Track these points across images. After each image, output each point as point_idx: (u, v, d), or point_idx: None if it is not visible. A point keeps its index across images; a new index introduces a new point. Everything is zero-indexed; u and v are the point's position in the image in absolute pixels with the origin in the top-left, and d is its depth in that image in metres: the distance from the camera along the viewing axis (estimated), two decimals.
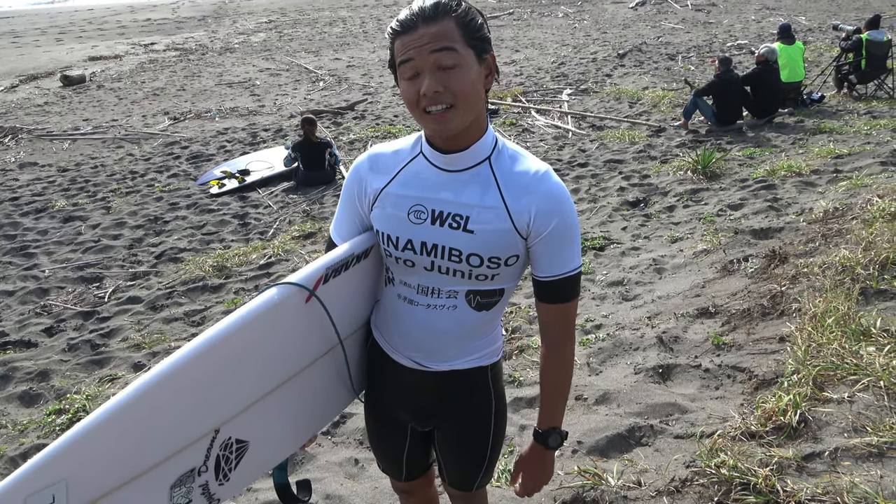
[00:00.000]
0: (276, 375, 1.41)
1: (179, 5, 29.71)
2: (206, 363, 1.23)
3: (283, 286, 1.35)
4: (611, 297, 4.42)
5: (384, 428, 1.70)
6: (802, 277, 3.51)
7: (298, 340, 1.43)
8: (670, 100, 9.89)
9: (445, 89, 1.27)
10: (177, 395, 1.20)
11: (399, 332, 1.53)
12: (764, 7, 20.89)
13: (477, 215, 1.36)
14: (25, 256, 6.02)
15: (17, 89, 14.24)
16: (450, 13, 1.28)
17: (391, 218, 1.43)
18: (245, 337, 1.28)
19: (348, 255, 1.46)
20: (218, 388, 1.27)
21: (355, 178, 1.50)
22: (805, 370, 2.63)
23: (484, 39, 1.32)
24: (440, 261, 1.40)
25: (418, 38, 1.27)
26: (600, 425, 2.85)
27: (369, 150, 1.51)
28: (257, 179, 7.77)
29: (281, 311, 1.35)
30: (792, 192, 5.77)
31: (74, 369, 4.09)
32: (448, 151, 1.38)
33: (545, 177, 1.37)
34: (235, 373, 1.30)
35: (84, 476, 1.09)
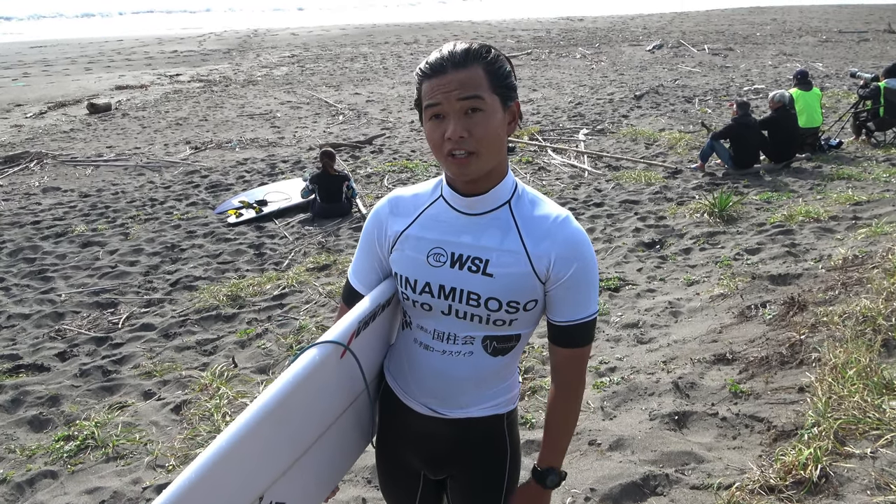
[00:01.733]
0: (313, 434, 1.42)
1: (206, 38, 30.53)
2: (256, 435, 1.23)
3: (322, 345, 1.36)
4: (626, 339, 4.37)
5: (396, 475, 1.66)
6: (822, 326, 3.45)
7: (331, 396, 1.44)
8: (687, 142, 9.92)
9: (470, 135, 1.28)
10: (229, 473, 1.19)
11: (414, 378, 1.51)
12: (781, 53, 21.06)
13: (496, 258, 1.36)
14: (43, 280, 6.08)
15: (45, 116, 14.59)
16: (479, 60, 1.30)
17: (410, 261, 1.43)
18: (291, 401, 1.29)
19: (376, 305, 1.47)
20: (264, 456, 1.28)
21: (375, 222, 1.51)
22: (826, 423, 2.56)
23: (510, 87, 1.34)
24: (458, 304, 1.39)
25: (447, 84, 1.29)
26: (614, 472, 2.78)
27: (389, 195, 1.52)
28: (274, 210, 7.84)
29: (321, 371, 1.36)
30: (810, 237, 5.72)
31: (85, 395, 4.09)
32: (468, 195, 1.39)
33: (566, 222, 1.37)
34: (279, 438, 1.30)
35: None
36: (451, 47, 1.32)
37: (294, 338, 4.65)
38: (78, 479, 3.23)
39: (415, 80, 1.37)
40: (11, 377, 4.33)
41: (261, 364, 4.34)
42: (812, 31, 27.52)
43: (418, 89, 1.35)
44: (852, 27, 28.59)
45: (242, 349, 4.61)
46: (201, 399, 3.89)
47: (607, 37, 28.16)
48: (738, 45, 23.69)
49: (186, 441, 3.49)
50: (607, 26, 32.98)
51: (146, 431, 3.61)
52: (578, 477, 2.82)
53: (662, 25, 32.62)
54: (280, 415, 1.28)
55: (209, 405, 3.77)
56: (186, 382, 4.14)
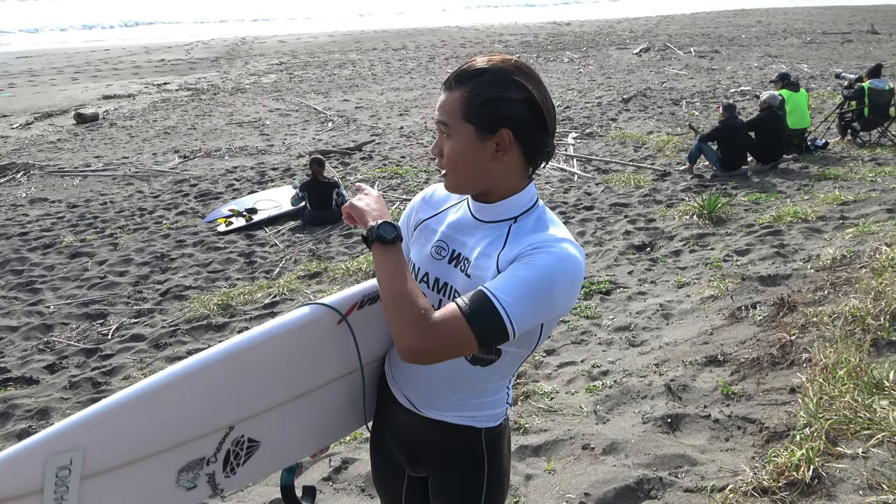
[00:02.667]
0: (297, 387, 1.47)
1: (193, 47, 30.40)
2: (233, 365, 1.32)
3: (317, 306, 1.42)
4: (617, 342, 4.38)
5: (384, 464, 1.69)
6: (812, 327, 3.47)
7: (323, 359, 1.49)
8: (675, 144, 9.98)
9: (440, 155, 1.38)
10: (200, 390, 1.29)
11: (400, 369, 1.54)
12: (766, 55, 21.25)
13: (476, 261, 1.38)
14: (31, 292, 6.02)
15: (32, 126, 14.47)
16: (465, 83, 1.33)
17: (419, 248, 1.50)
18: (273, 347, 1.37)
19: None
20: (239, 389, 1.35)
21: (412, 205, 1.61)
22: (817, 423, 2.58)
23: (489, 117, 1.30)
24: (446, 300, 1.41)
25: (439, 101, 1.38)
26: (608, 476, 2.78)
27: (430, 186, 1.61)
28: (264, 218, 7.81)
29: (311, 329, 1.41)
30: (798, 238, 5.76)
31: (75, 407, 4.04)
32: (477, 199, 1.44)
33: (553, 237, 1.31)
34: (258, 378, 1.37)
35: (101, 447, 1.20)
36: (459, 66, 1.38)
37: None
38: None
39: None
40: (0, 390, 4.28)
41: None
42: (796, 33, 27.79)
43: None
44: (836, 28, 28.90)
45: None
46: None
47: (594, 41, 28.32)
48: (724, 47, 23.88)
49: None
50: (594, 30, 33.16)
51: None
52: (572, 482, 2.82)
53: (649, 29, 32.83)
54: (260, 355, 1.35)
55: None
56: None
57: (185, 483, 1.33)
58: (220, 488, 1.40)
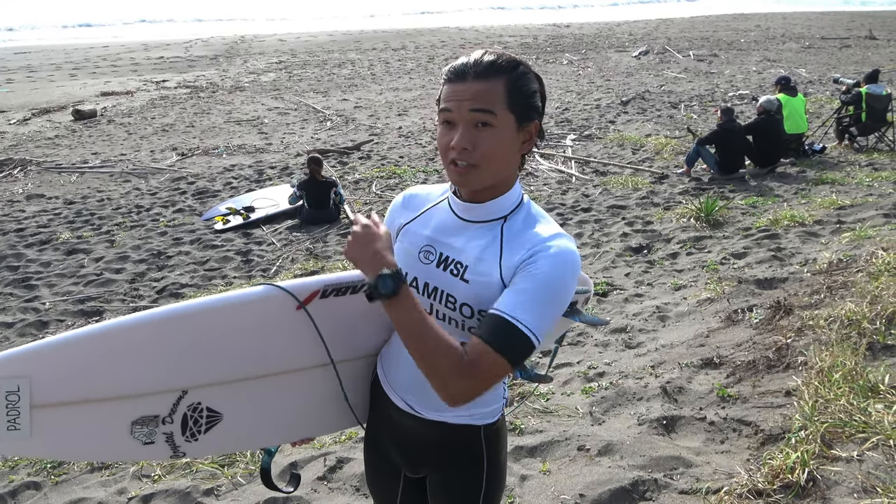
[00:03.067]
0: (255, 366, 1.48)
1: (192, 44, 30.37)
2: (181, 327, 1.36)
3: (270, 287, 1.43)
4: (614, 344, 4.38)
5: (379, 467, 1.67)
6: (808, 330, 3.48)
7: (282, 343, 1.49)
8: (673, 147, 10.00)
9: (474, 148, 1.29)
10: (148, 345, 1.34)
11: (396, 373, 1.53)
12: (765, 59, 21.30)
13: (473, 266, 1.36)
14: (27, 288, 6.00)
15: (29, 122, 14.43)
16: (503, 73, 1.30)
17: (405, 253, 1.46)
18: (222, 317, 1.40)
19: (357, 279, 1.49)
20: (190, 353, 1.39)
21: (391, 212, 1.57)
22: (812, 426, 2.58)
23: (530, 107, 1.33)
24: (438, 305, 1.41)
25: (463, 92, 1.29)
26: (603, 478, 2.78)
27: (408, 189, 1.58)
28: (262, 217, 7.80)
29: (262, 308, 1.43)
30: (795, 241, 5.78)
31: None
32: (467, 201, 1.41)
33: (550, 236, 1.32)
34: (209, 347, 1.41)
35: (50, 380, 1.27)
36: (478, 55, 1.32)
37: None
38: (62, 490, 3.19)
39: (441, 79, 1.38)
40: None
41: None
42: (795, 38, 27.87)
43: (441, 89, 1.36)
44: (834, 34, 28.99)
45: None
46: None
47: (594, 43, 28.36)
48: (723, 51, 23.94)
49: None
50: (594, 33, 33.21)
51: None
52: (567, 483, 2.82)
53: (648, 32, 32.89)
54: (209, 323, 1.39)
55: None
56: None
57: (141, 437, 1.39)
58: (181, 451, 1.45)
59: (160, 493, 3.07)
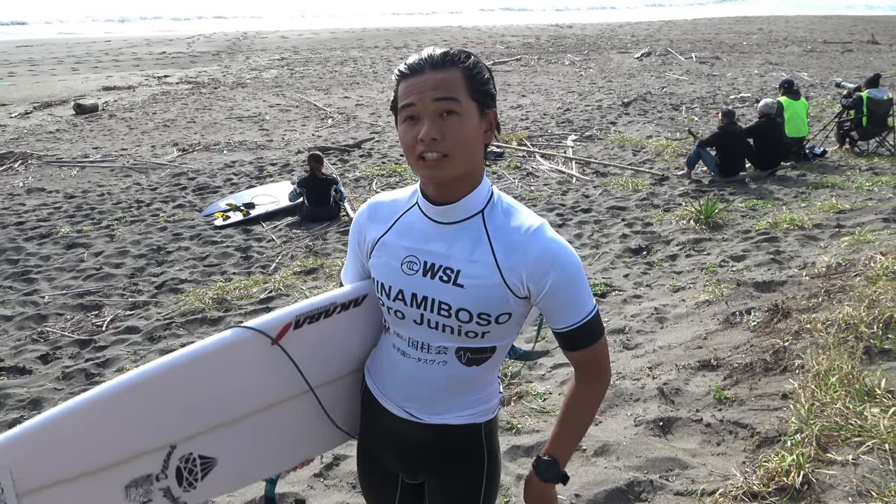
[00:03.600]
0: (240, 407, 1.47)
1: (195, 40, 30.37)
2: (158, 386, 1.33)
3: (240, 330, 1.41)
4: (612, 345, 4.38)
5: (375, 476, 1.66)
6: (805, 333, 3.49)
7: (264, 379, 1.47)
8: (674, 149, 10.00)
9: (443, 138, 1.27)
10: (128, 411, 1.31)
11: (392, 382, 1.51)
12: (767, 62, 21.30)
13: (466, 269, 1.35)
14: (26, 282, 6.01)
15: (31, 116, 14.43)
16: (458, 63, 1.30)
17: (386, 267, 1.43)
18: (197, 368, 1.37)
19: (328, 303, 1.48)
20: (171, 409, 1.37)
21: (357, 227, 1.53)
22: (808, 429, 2.59)
23: (488, 94, 1.34)
24: (429, 314, 1.38)
25: (423, 83, 1.28)
26: (599, 478, 2.79)
27: (370, 200, 1.53)
28: (262, 213, 7.81)
29: (236, 352, 1.41)
30: (794, 245, 5.78)
31: (67, 398, 4.02)
32: (440, 203, 1.38)
33: (537, 233, 1.34)
34: (190, 398, 1.38)
35: (33, 464, 1.22)
36: (430, 50, 1.33)
37: None
38: None
39: (392, 81, 1.37)
40: None
41: None
42: (798, 41, 27.87)
43: (395, 91, 1.35)
44: (837, 38, 28.99)
45: None
46: None
47: (596, 44, 28.35)
48: (725, 53, 23.94)
49: None
50: (596, 33, 33.20)
51: None
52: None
53: (650, 33, 32.89)
54: (184, 377, 1.36)
55: None
56: None
57: (138, 498, 1.36)
58: (181, 501, 1.42)
59: None
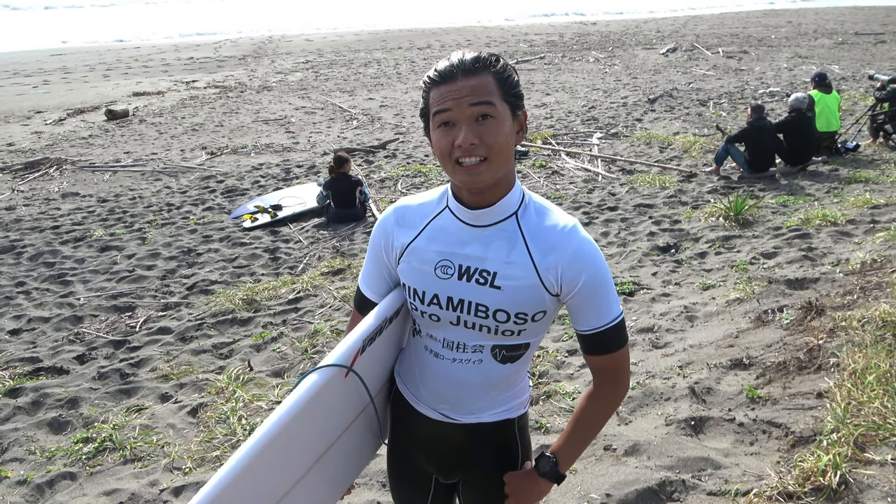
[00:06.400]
0: (319, 450, 1.45)
1: (221, 45, 30.79)
2: (258, 464, 1.26)
3: (324, 369, 1.37)
4: (640, 343, 4.35)
5: (408, 479, 1.67)
6: (841, 331, 3.42)
7: (337, 413, 1.47)
8: (702, 145, 9.86)
9: (481, 142, 1.28)
10: (249, 489, 1.25)
11: (425, 385, 1.51)
12: (796, 55, 20.88)
13: (503, 271, 1.36)
14: (62, 284, 6.16)
15: (65, 122, 14.78)
16: (489, 68, 1.31)
17: (418, 272, 1.43)
18: (293, 427, 1.32)
19: (381, 320, 1.47)
20: (267, 482, 1.31)
21: (382, 232, 1.50)
22: (845, 429, 2.54)
23: (518, 96, 1.36)
24: (466, 316, 1.39)
25: (457, 90, 1.28)
26: (629, 478, 2.77)
27: (395, 204, 1.52)
28: (289, 215, 7.89)
29: (323, 393, 1.37)
30: (827, 241, 5.66)
31: (103, 398, 4.14)
32: (475, 207, 1.38)
33: (572, 232, 1.37)
34: (284, 462, 1.34)
35: None
36: (460, 55, 1.32)
37: (309, 342, 4.68)
38: (96, 481, 3.27)
39: (422, 88, 1.37)
40: (32, 379, 4.39)
41: (276, 367, 4.37)
42: (828, 34, 27.26)
43: (425, 98, 1.35)
44: (869, 29, 28.29)
45: (258, 352, 4.64)
46: (217, 402, 3.92)
47: (620, 40, 28.08)
48: (753, 47, 23.52)
49: (203, 444, 3.52)
50: (620, 30, 32.88)
51: (163, 434, 3.65)
52: (594, 482, 2.81)
53: (676, 29, 32.45)
54: (283, 441, 1.30)
55: (225, 408, 3.80)
56: (203, 385, 4.18)
57: None
58: None
59: (191, 485, 3.14)
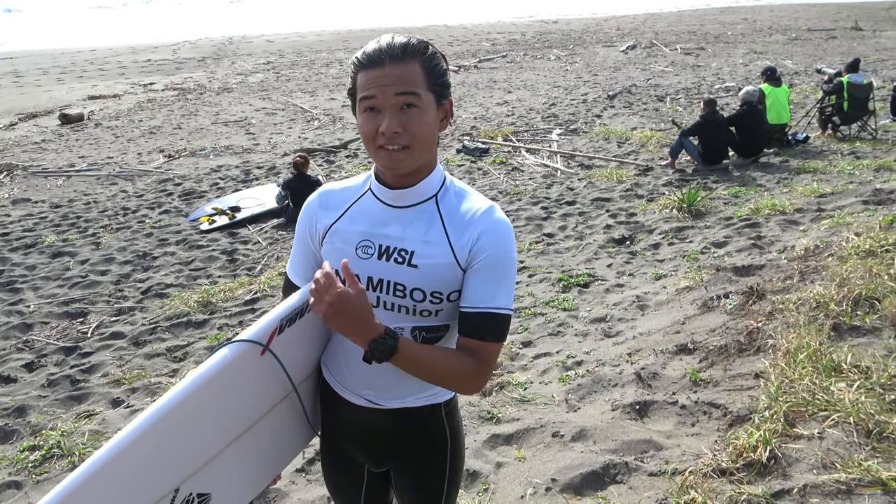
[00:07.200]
0: (233, 429, 1.41)
1: (180, 47, 30.28)
2: (162, 430, 1.23)
3: (236, 344, 1.35)
4: (593, 333, 4.43)
5: (340, 469, 1.67)
6: (778, 314, 3.53)
7: (254, 393, 1.43)
8: (658, 140, 10.05)
9: (404, 130, 1.30)
10: (133, 466, 1.21)
11: (349, 370, 1.52)
12: (752, 51, 21.39)
13: (420, 250, 1.38)
14: (11, 292, 6.01)
15: (16, 127, 14.39)
16: (417, 55, 1.31)
17: (340, 253, 1.44)
18: (200, 399, 1.28)
19: (301, 303, 1.46)
20: (174, 450, 1.28)
21: (306, 216, 1.52)
22: (777, 406, 2.63)
23: (445, 85, 1.37)
24: (385, 296, 1.41)
25: (384, 77, 1.29)
26: (575, 462, 2.83)
27: (319, 189, 1.55)
28: (248, 216, 7.82)
29: (235, 369, 1.34)
30: (776, 230, 5.83)
31: (52, 405, 4.05)
32: (395, 187, 1.41)
33: (488, 212, 1.40)
34: (192, 434, 1.31)
35: None
36: (389, 39, 1.32)
37: None
38: (43, 489, 3.21)
39: (350, 69, 1.38)
40: None
41: None
42: (782, 30, 27.99)
43: (353, 79, 1.36)
44: (821, 25, 29.14)
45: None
46: None
47: (581, 38, 28.42)
48: (710, 44, 24.03)
49: None
50: (581, 28, 33.26)
51: None
52: (541, 468, 2.86)
53: (636, 26, 32.97)
54: (187, 413, 1.27)
55: None
56: (155, 389, 4.12)
57: None
58: None
59: None
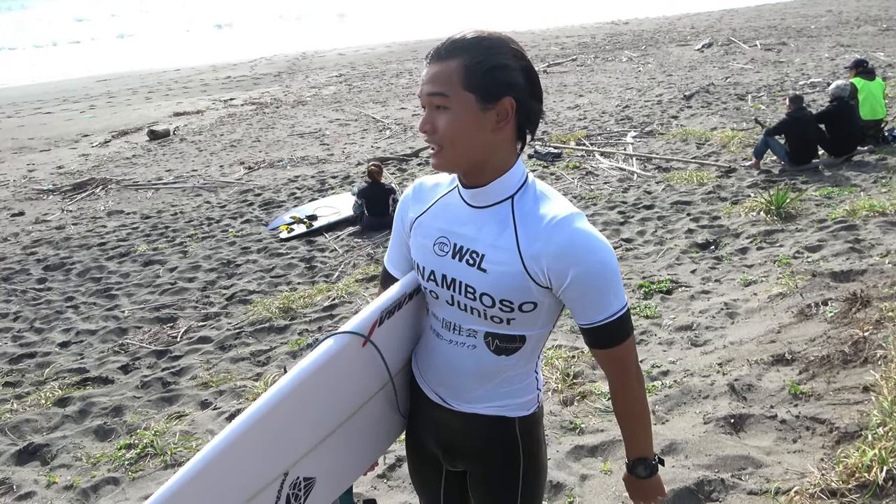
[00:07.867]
0: (338, 417, 1.47)
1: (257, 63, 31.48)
2: (273, 418, 1.31)
3: (340, 335, 1.40)
4: (679, 342, 4.25)
5: (421, 461, 1.67)
6: (888, 322, 3.28)
7: (356, 383, 1.49)
8: (740, 140, 9.62)
9: (435, 131, 1.30)
10: (248, 452, 1.29)
11: (428, 365, 1.52)
12: (838, 45, 20.22)
13: (491, 254, 1.34)
14: (108, 298, 6.36)
15: (110, 144, 15.31)
16: (461, 53, 1.27)
17: (421, 247, 1.45)
18: (307, 388, 1.36)
19: (400, 295, 1.48)
20: (284, 437, 1.36)
21: (402, 206, 1.55)
22: (892, 422, 2.43)
23: (494, 84, 1.27)
24: (458, 296, 1.39)
25: (425, 75, 1.31)
26: (666, 478, 2.69)
27: (417, 180, 1.55)
28: (324, 224, 8.00)
29: (339, 359, 1.40)
30: (875, 232, 5.45)
31: (146, 406, 4.25)
32: (468, 186, 1.38)
33: (563, 223, 1.29)
34: (300, 421, 1.38)
35: None
36: (448, 37, 1.31)
37: None
38: (138, 486, 3.35)
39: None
40: (79, 389, 4.54)
41: None
42: (871, 21, 26.33)
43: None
44: None
45: (294, 359, 4.70)
46: None
47: (654, 38, 27.66)
48: (792, 38, 22.87)
49: None
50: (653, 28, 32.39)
51: (202, 439, 3.72)
52: None
53: (711, 24, 31.80)
54: (295, 402, 1.34)
55: None
56: (241, 392, 4.25)
57: None
58: None
59: None
